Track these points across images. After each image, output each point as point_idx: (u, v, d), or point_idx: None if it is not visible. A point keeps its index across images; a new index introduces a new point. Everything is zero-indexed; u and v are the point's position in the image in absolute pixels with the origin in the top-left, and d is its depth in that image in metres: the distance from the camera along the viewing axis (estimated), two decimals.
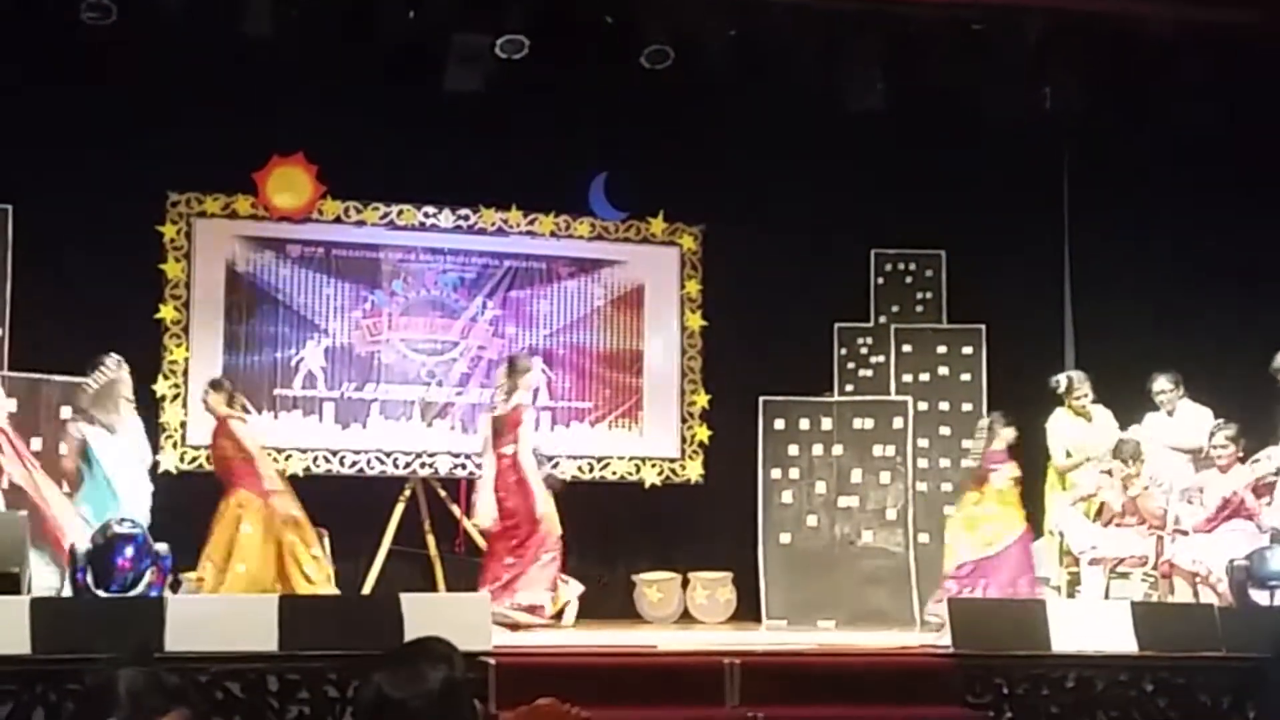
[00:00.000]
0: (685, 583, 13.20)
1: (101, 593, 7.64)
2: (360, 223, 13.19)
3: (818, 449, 13.21)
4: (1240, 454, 10.38)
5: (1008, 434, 11.55)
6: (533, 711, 3.28)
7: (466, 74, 11.96)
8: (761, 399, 13.19)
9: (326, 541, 11.79)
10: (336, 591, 10.82)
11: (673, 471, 13.59)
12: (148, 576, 7.90)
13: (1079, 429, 11.80)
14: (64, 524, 9.72)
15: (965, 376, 13.48)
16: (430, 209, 13.32)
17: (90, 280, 12.01)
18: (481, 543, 12.70)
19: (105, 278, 12.11)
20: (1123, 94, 12.47)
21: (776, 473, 13.20)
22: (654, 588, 13.14)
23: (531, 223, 13.50)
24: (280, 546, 10.86)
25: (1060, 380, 11.99)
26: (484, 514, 11.37)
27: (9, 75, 11.68)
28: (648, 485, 13.49)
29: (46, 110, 11.87)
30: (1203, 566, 9.90)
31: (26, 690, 6.33)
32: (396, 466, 12.95)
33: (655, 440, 13.63)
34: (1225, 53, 12.00)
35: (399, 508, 12.73)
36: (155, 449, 12.39)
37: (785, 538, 13.09)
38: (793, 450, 13.20)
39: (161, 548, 8.16)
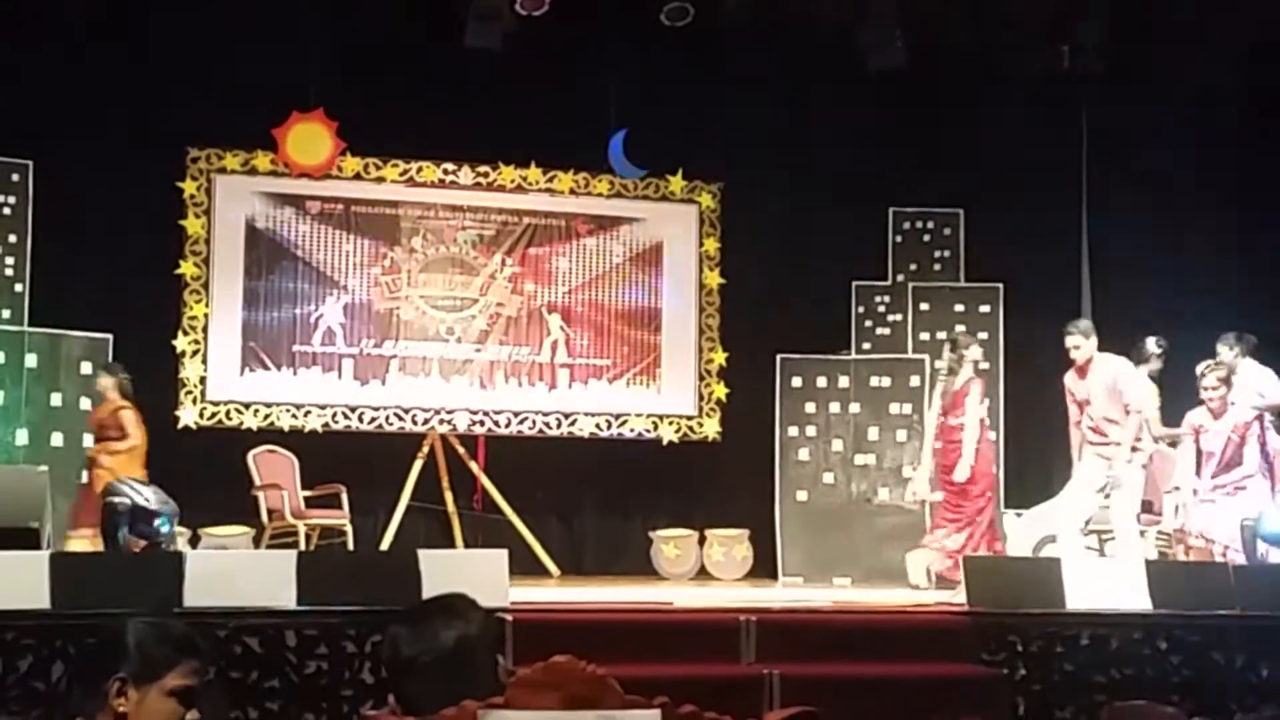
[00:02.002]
0: (702, 540, 13.25)
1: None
2: (380, 179, 13.21)
3: (834, 407, 13.24)
4: (1233, 399, 10.25)
5: None
6: (549, 668, 3.31)
7: (486, 31, 11.96)
8: (779, 357, 13.22)
9: (344, 497, 11.89)
10: None
11: (690, 429, 13.61)
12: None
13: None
14: None
15: (983, 335, 13.45)
16: (450, 166, 13.33)
17: (111, 236, 12.05)
18: (500, 500, 12.79)
19: (126, 233, 12.15)
20: (1143, 53, 12.42)
21: (793, 430, 13.25)
22: (671, 544, 13.19)
23: (551, 180, 13.50)
24: None
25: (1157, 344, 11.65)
26: (920, 484, 11.28)
27: (29, 33, 11.70)
28: (665, 442, 13.52)
29: (67, 66, 11.90)
30: (1217, 545, 9.84)
31: (46, 644, 6.38)
32: (415, 423, 13.00)
33: (673, 398, 13.65)
34: (1247, 13, 11.95)
35: (417, 464, 12.78)
36: (175, 404, 12.48)
37: (802, 495, 13.14)
38: (810, 408, 13.23)
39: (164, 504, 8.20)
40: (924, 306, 13.59)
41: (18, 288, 11.75)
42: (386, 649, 3.56)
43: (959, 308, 13.55)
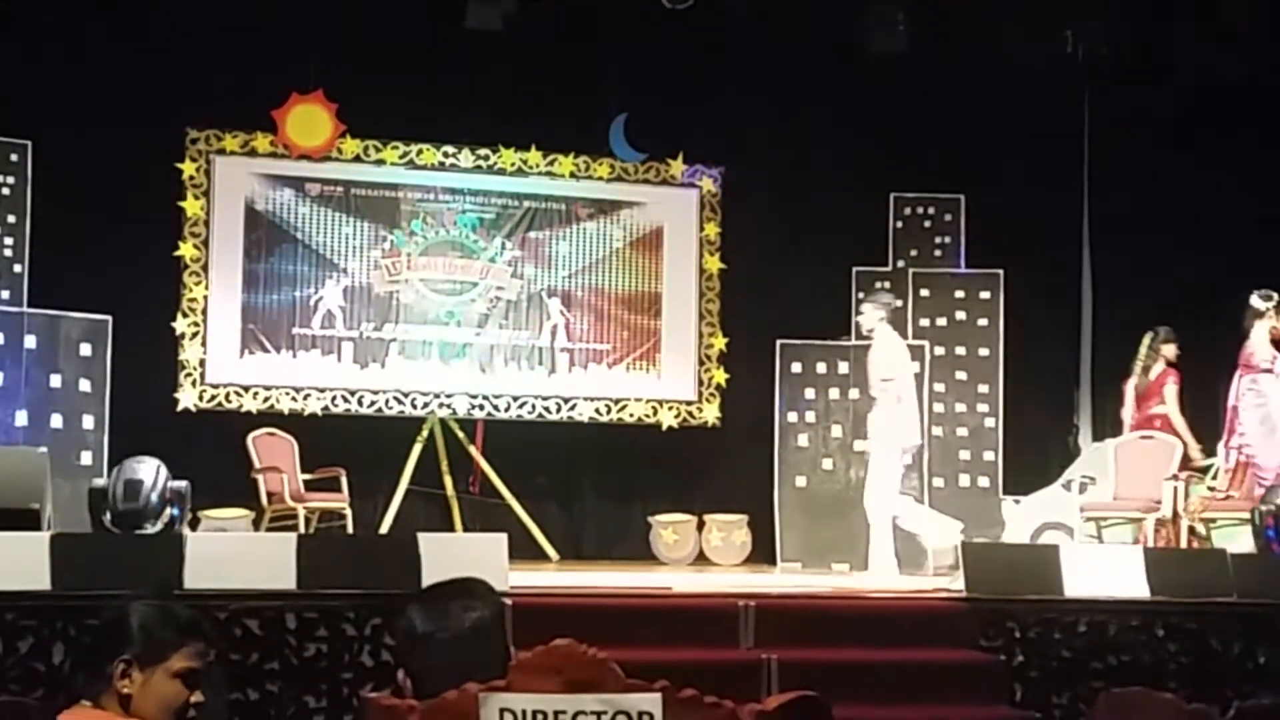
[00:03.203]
0: (701, 525, 13.26)
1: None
2: (380, 162, 13.20)
3: (834, 393, 13.22)
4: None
5: None
6: (549, 652, 3.32)
7: (487, 12, 11.96)
8: (779, 342, 13.21)
9: (344, 480, 11.88)
10: None
11: (689, 414, 13.62)
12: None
13: None
14: None
15: (982, 321, 13.48)
16: (450, 149, 13.32)
17: (110, 217, 12.05)
18: (499, 484, 12.79)
19: (125, 214, 12.14)
20: (1146, 39, 12.41)
21: (793, 416, 13.24)
22: (670, 529, 13.20)
23: (551, 163, 13.50)
24: None
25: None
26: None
27: (29, 11, 11.68)
28: (664, 428, 13.52)
29: (66, 46, 11.89)
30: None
31: (46, 626, 6.39)
32: (414, 406, 13.00)
33: (672, 383, 13.66)
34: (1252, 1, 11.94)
35: (416, 448, 12.78)
36: (174, 387, 12.48)
37: (801, 481, 13.13)
38: (809, 394, 13.23)
39: (180, 485, 8.22)
40: (924, 292, 13.57)
41: (16, 268, 11.73)
42: (402, 626, 3.57)
43: (959, 294, 13.55)
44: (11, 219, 11.76)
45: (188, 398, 12.55)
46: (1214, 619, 7.81)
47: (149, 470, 7.90)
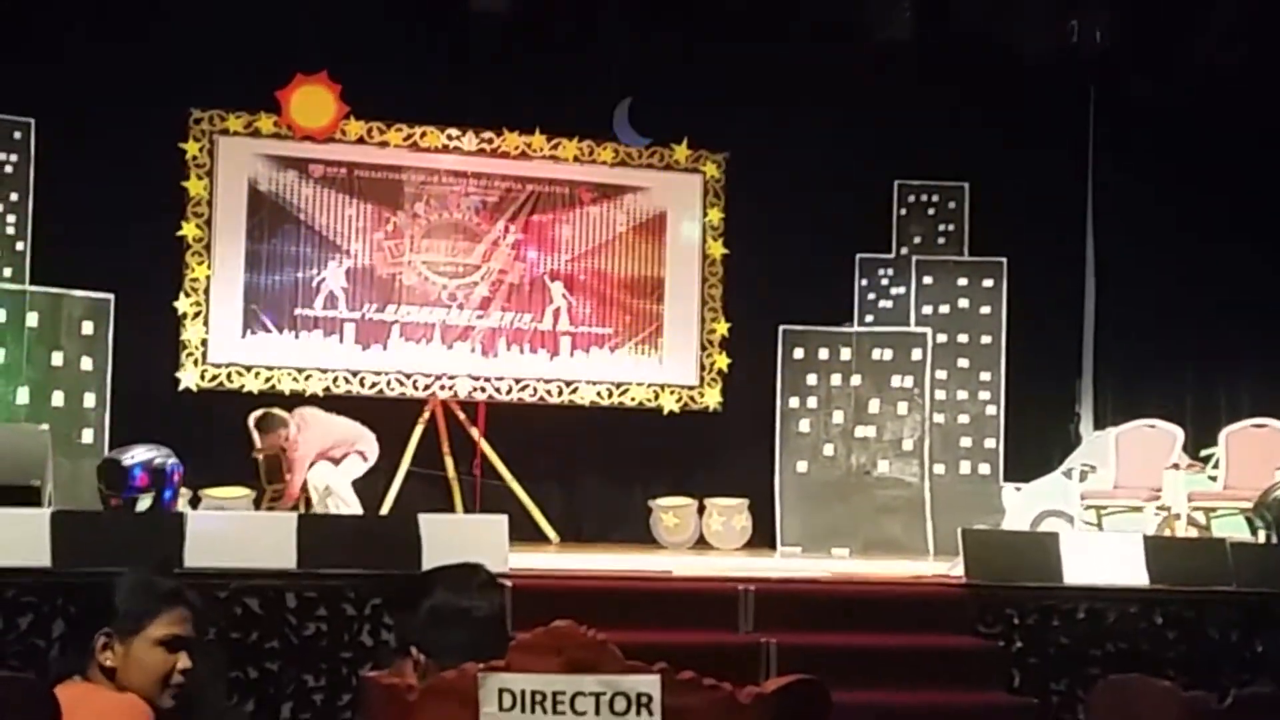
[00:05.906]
0: (701, 509, 13.26)
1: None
2: (383, 144, 13.19)
3: (836, 379, 13.24)
4: None
5: None
6: (550, 632, 3.31)
7: None
8: (781, 328, 13.22)
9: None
10: None
11: (691, 399, 13.62)
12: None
13: None
14: None
15: (985, 309, 13.48)
16: (453, 131, 13.30)
17: (113, 196, 12.03)
18: (500, 466, 12.79)
19: (128, 194, 12.13)
20: (1151, 30, 12.40)
21: (794, 402, 13.25)
22: (670, 513, 13.20)
23: (555, 147, 13.48)
24: None
25: None
26: None
27: None
28: (666, 412, 13.52)
29: (70, 24, 11.87)
30: None
31: (47, 602, 6.39)
32: (416, 388, 13.01)
33: (674, 367, 13.66)
34: None
35: (418, 429, 12.79)
36: (176, 366, 12.49)
37: (802, 466, 13.16)
38: (811, 380, 13.24)
39: (171, 461, 8.23)
40: (927, 280, 13.58)
41: (19, 246, 11.74)
42: (431, 602, 3.63)
43: (962, 281, 13.55)
44: (14, 197, 11.78)
45: (189, 377, 12.56)
46: (1212, 607, 7.81)
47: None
